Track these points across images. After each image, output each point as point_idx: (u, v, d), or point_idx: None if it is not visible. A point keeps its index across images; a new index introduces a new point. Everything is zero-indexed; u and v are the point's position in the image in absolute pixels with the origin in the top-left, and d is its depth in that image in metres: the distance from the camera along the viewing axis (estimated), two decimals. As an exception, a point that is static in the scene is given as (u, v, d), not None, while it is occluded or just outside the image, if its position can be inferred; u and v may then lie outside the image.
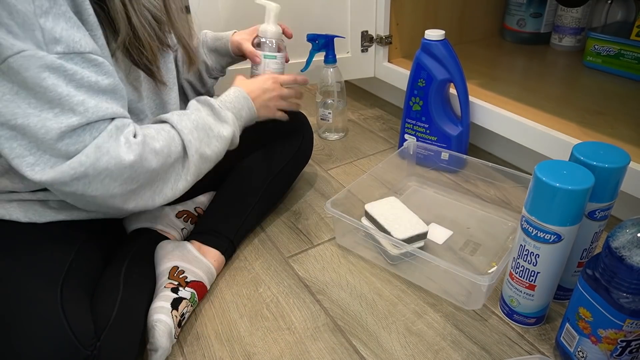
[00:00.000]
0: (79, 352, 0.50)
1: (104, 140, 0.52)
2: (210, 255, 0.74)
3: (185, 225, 0.81)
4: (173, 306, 0.63)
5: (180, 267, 0.69)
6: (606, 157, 0.56)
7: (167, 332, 0.60)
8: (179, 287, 0.66)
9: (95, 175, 0.51)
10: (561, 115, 0.90)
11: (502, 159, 1.07)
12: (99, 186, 0.52)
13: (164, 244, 0.72)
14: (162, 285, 0.66)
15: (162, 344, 0.59)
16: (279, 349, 0.64)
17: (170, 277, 0.67)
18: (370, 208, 0.80)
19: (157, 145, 0.57)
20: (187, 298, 0.66)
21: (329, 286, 0.73)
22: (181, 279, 0.68)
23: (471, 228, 0.84)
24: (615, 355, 0.53)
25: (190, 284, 0.68)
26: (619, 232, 0.49)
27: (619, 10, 1.19)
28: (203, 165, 0.63)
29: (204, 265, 0.71)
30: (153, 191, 0.58)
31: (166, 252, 0.71)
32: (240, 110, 0.71)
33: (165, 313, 0.62)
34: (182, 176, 0.61)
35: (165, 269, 0.68)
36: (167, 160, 0.58)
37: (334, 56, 1.08)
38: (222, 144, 0.66)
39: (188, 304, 0.66)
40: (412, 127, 1.02)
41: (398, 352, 0.62)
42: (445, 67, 0.92)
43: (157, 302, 0.63)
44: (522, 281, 0.61)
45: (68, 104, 0.49)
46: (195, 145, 0.61)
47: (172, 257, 0.70)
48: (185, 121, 0.62)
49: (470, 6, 1.31)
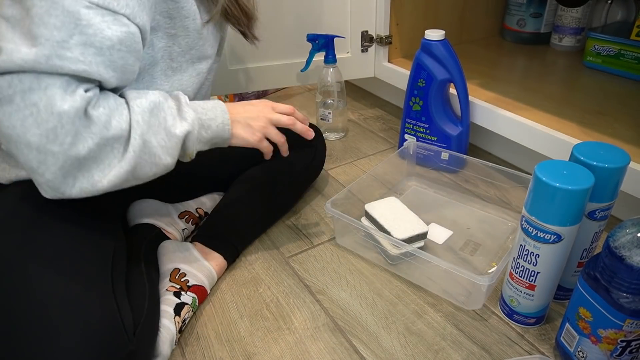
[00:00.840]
0: (127, 344, 0.51)
1: (49, 79, 0.46)
2: (213, 258, 0.73)
3: (186, 226, 0.81)
4: (176, 312, 0.63)
5: (181, 269, 0.68)
6: (606, 157, 0.56)
7: (169, 340, 0.60)
8: (180, 291, 0.66)
9: (21, 106, 0.46)
10: (561, 115, 0.90)
11: (502, 159, 1.07)
12: (18, 123, 0.46)
13: (166, 244, 0.72)
14: (164, 287, 0.66)
15: (164, 351, 0.59)
16: (279, 349, 0.64)
17: (171, 279, 0.67)
18: (370, 208, 0.80)
19: (99, 110, 0.50)
20: (189, 303, 0.65)
21: (329, 286, 0.73)
22: (183, 283, 0.67)
23: (471, 228, 0.84)
24: (615, 355, 0.53)
25: (192, 288, 0.67)
26: (619, 232, 0.49)
27: (619, 10, 1.19)
28: (143, 156, 0.53)
29: (205, 269, 0.70)
30: (79, 168, 0.49)
31: (168, 253, 0.71)
32: (209, 121, 0.61)
33: (168, 318, 0.61)
34: (116, 161, 0.51)
35: (167, 271, 0.68)
36: (104, 132, 0.50)
37: (334, 56, 1.08)
38: (170, 141, 0.56)
39: (189, 309, 0.65)
40: (412, 127, 1.02)
41: (398, 352, 0.62)
42: (445, 67, 0.92)
43: (160, 306, 0.63)
44: (522, 281, 0.61)
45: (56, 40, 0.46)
46: (142, 128, 0.53)
47: (174, 259, 0.70)
48: (141, 99, 0.54)
49: (470, 6, 1.31)
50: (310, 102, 1.41)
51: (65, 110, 0.47)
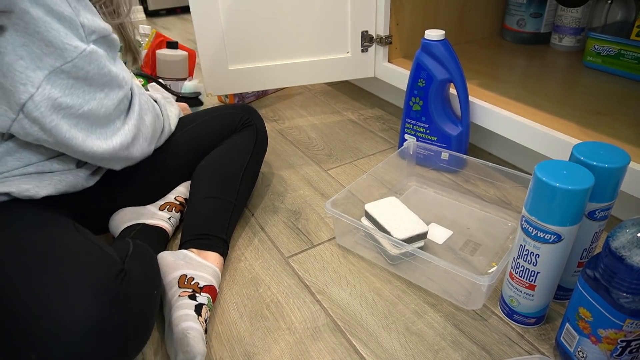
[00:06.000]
0: (117, 264, 0.55)
1: (144, 100, 0.69)
2: (211, 258, 0.73)
3: (170, 215, 0.82)
4: (197, 312, 0.62)
5: (188, 274, 0.68)
6: (606, 157, 0.56)
7: (200, 337, 0.59)
8: (195, 293, 0.65)
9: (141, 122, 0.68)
10: (561, 115, 0.90)
11: (502, 159, 1.07)
12: None
13: (163, 255, 0.71)
14: (176, 294, 0.64)
15: (200, 350, 0.58)
16: (279, 349, 0.64)
17: (181, 285, 0.66)
18: (370, 208, 0.80)
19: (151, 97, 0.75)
20: (205, 304, 0.65)
21: (329, 286, 0.73)
22: (194, 286, 0.66)
23: (471, 228, 0.84)
24: (615, 355, 0.53)
25: (204, 289, 0.67)
26: (619, 232, 0.49)
27: (619, 10, 1.19)
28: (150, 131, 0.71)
29: (209, 269, 0.71)
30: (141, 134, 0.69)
31: (169, 263, 0.70)
32: None
33: (192, 320, 0.61)
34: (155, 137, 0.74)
35: (174, 279, 0.67)
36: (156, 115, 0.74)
37: None
38: None
39: (207, 309, 0.65)
40: (412, 127, 1.02)
41: (398, 352, 0.62)
42: (445, 67, 0.92)
43: (179, 311, 0.62)
44: (522, 281, 0.61)
45: (116, 81, 0.62)
46: None
47: (177, 267, 0.69)
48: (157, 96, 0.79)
49: (470, 6, 1.31)
50: (311, 102, 1.41)
51: None
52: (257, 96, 1.43)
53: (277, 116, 1.32)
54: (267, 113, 1.34)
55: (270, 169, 1.06)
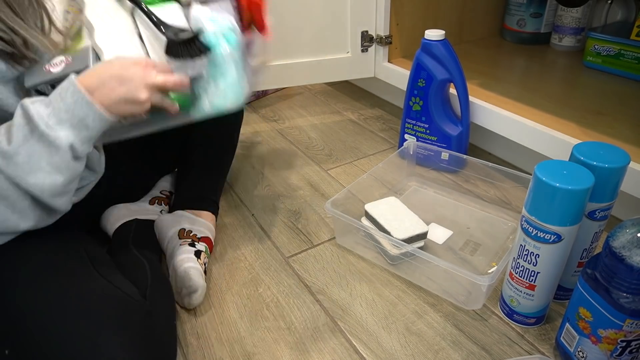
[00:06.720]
0: (140, 306, 0.55)
1: None
2: (205, 216, 0.81)
3: (161, 208, 0.87)
4: (196, 256, 0.71)
5: (187, 228, 0.77)
6: (606, 157, 0.55)
7: (200, 274, 0.68)
8: (194, 242, 0.74)
9: None
10: (561, 115, 0.90)
11: (502, 159, 1.07)
12: None
13: (161, 217, 0.80)
14: (177, 244, 0.73)
15: (200, 284, 0.67)
16: (279, 349, 0.64)
17: (181, 237, 0.75)
18: (370, 208, 0.80)
19: None
20: (203, 250, 0.74)
21: (329, 286, 0.73)
22: (192, 236, 0.75)
23: (471, 228, 0.84)
24: (615, 355, 0.53)
25: (202, 239, 0.76)
26: (619, 232, 0.49)
27: (619, 10, 1.19)
28: None
29: (205, 225, 0.79)
30: None
31: (168, 222, 0.78)
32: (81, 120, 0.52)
33: (192, 261, 0.70)
34: None
35: (174, 233, 0.75)
36: None
37: None
38: None
39: (205, 255, 0.74)
40: (412, 127, 1.02)
41: (398, 352, 0.62)
42: (445, 67, 0.92)
43: (181, 255, 0.70)
44: (522, 281, 0.61)
45: None
46: None
47: (176, 223, 0.77)
48: None
49: (470, 6, 1.31)
50: (311, 102, 1.41)
51: None
52: (257, 96, 1.43)
53: (277, 116, 1.32)
54: (267, 113, 1.34)
55: (270, 169, 1.06)
